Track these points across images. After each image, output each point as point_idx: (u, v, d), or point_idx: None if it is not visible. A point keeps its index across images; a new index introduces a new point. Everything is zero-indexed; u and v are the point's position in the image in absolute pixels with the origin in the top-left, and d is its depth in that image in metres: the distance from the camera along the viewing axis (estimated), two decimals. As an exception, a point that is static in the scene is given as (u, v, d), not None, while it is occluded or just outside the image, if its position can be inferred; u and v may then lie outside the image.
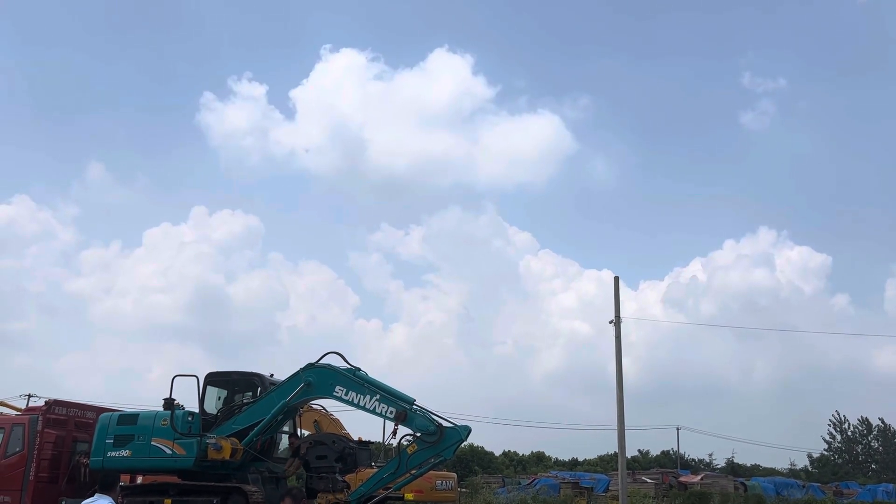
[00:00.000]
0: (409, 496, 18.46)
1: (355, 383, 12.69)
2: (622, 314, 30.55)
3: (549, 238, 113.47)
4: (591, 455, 75.07)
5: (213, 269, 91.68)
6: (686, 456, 71.42)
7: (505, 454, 74.87)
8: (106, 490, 8.24)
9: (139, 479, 15.20)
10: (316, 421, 18.63)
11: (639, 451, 74.48)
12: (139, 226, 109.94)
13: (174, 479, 13.30)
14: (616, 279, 31.47)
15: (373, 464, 16.28)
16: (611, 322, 30.57)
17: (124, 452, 12.94)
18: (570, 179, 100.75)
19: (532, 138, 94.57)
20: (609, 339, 29.98)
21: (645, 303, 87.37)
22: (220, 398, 14.15)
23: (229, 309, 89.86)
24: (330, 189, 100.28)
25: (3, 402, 23.88)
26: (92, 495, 8.44)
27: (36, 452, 13.85)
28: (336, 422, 19.69)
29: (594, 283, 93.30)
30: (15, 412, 20.59)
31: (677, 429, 64.31)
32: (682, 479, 41.93)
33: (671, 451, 71.89)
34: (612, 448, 68.81)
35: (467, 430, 12.38)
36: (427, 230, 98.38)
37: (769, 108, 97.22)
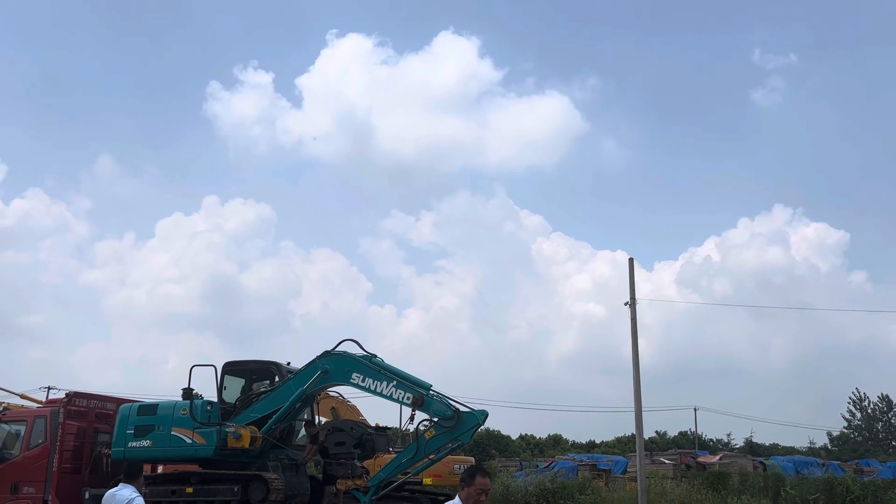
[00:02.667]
0: (427, 481, 18.67)
1: (372, 370, 12.82)
2: (637, 295, 30.52)
3: (561, 220, 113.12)
4: (609, 437, 75.16)
5: (226, 258, 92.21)
6: (704, 436, 71.46)
7: (522, 438, 75.20)
8: (131, 479, 8.40)
9: (160, 469, 15.45)
10: (333, 408, 18.86)
11: (656, 432, 74.59)
12: (151, 217, 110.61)
13: (195, 467, 13.52)
14: (630, 260, 31.39)
15: (391, 449, 16.46)
16: (626, 304, 30.51)
17: (145, 442, 13.16)
18: (581, 160, 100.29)
19: (541, 120, 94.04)
20: (624, 321, 29.91)
21: (659, 283, 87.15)
22: (238, 387, 14.32)
23: (243, 298, 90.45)
24: (340, 176, 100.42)
25: (24, 395, 24.24)
26: (115, 485, 8.62)
27: (58, 444, 14.10)
28: (353, 408, 19.87)
29: (608, 265, 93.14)
30: (36, 405, 20.93)
31: (695, 409, 64.33)
32: (701, 459, 41.97)
33: (689, 432, 71.99)
34: (629, 430, 68.98)
35: (484, 415, 12.50)
36: (438, 215, 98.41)
37: (780, 85, 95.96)
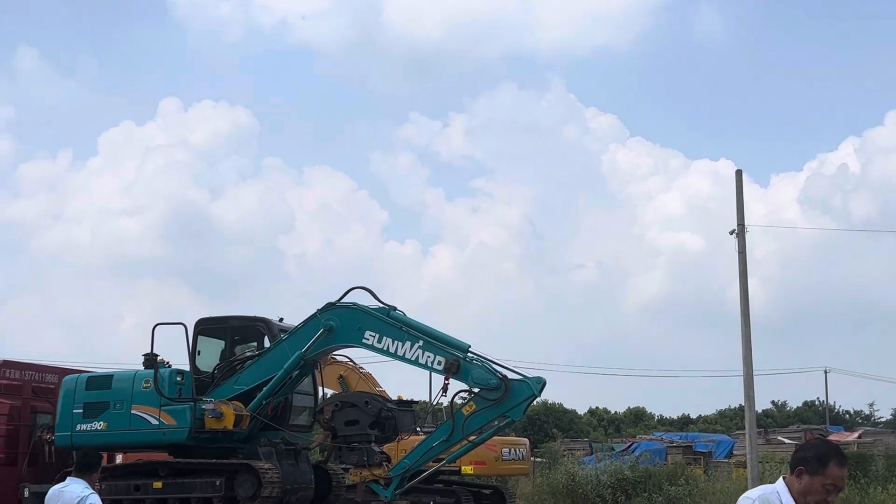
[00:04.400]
0: (467, 469, 18.99)
1: (390, 326, 12.96)
2: (747, 220, 30.26)
3: (640, 121, 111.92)
4: (708, 410, 75.78)
5: (194, 181, 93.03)
6: (837, 407, 71.67)
7: (592, 412, 76.13)
8: (84, 473, 8.66)
9: (119, 458, 15.92)
10: (342, 377, 19.15)
11: (772, 402, 74.95)
12: (92, 128, 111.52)
13: (164, 456, 13.90)
14: (738, 173, 31.01)
15: (418, 430, 16.74)
16: (732, 232, 30.28)
17: (98, 425, 13.55)
18: (668, 39, 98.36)
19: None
20: (729, 256, 29.81)
21: (777, 204, 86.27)
22: (215, 352, 14.59)
23: (217, 234, 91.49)
24: (339, 69, 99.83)
25: (-62, 366, 24.99)
26: (62, 479, 8.89)
27: (-14, 428, 14.53)
28: (368, 377, 20.16)
29: (707, 180, 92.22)
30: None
31: (825, 371, 64.17)
32: (833, 437, 42.15)
33: (816, 402, 72.15)
34: (735, 400, 69.39)
35: (541, 383, 12.62)
36: (472, 119, 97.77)
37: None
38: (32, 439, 14.92)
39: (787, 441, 40.98)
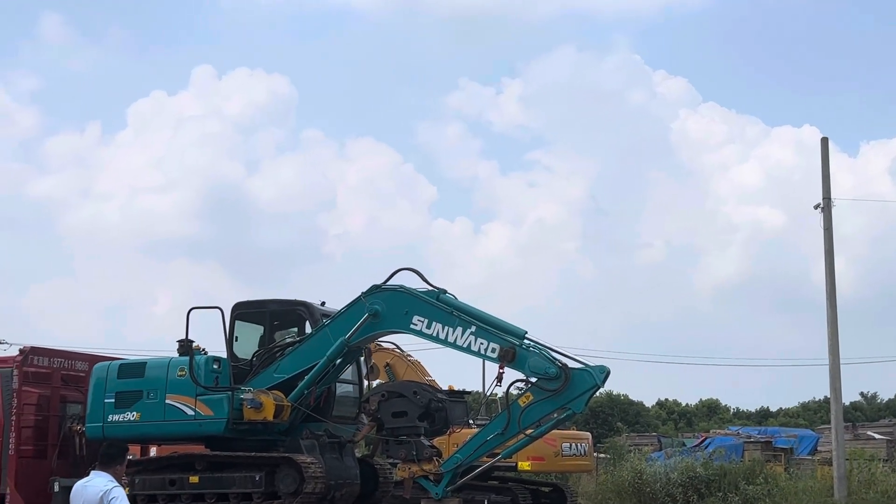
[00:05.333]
0: (524, 465, 19.13)
1: (440, 311, 13.05)
2: (834, 193, 29.87)
3: (713, 85, 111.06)
4: (790, 403, 75.19)
5: (228, 155, 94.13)
6: (934, 399, 70.55)
7: (661, 405, 75.88)
8: (107, 466, 8.88)
9: (153, 451, 16.25)
10: (388, 365, 19.34)
11: (861, 394, 74.12)
12: (121, 99, 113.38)
13: (200, 448, 14.15)
14: (824, 141, 30.60)
15: (471, 422, 16.86)
16: (816, 206, 29.93)
17: (131, 415, 13.83)
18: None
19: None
20: (813, 232, 29.48)
21: (868, 174, 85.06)
22: (254, 338, 14.78)
23: (253, 212, 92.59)
24: (383, 33, 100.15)
25: (-37, 353, 25.68)
26: (88, 474, 9.13)
27: (14, 418, 14.90)
28: (416, 365, 20.35)
29: (789, 149, 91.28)
30: (-19, 365, 22.11)
31: (920, 360, 63.41)
32: (929, 432, 41.59)
33: (911, 394, 71.10)
34: (820, 392, 68.70)
35: (604, 373, 12.63)
36: (527, 85, 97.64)
37: None
38: (62, 430, 15.25)
39: (876, 436, 40.57)
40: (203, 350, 14.10)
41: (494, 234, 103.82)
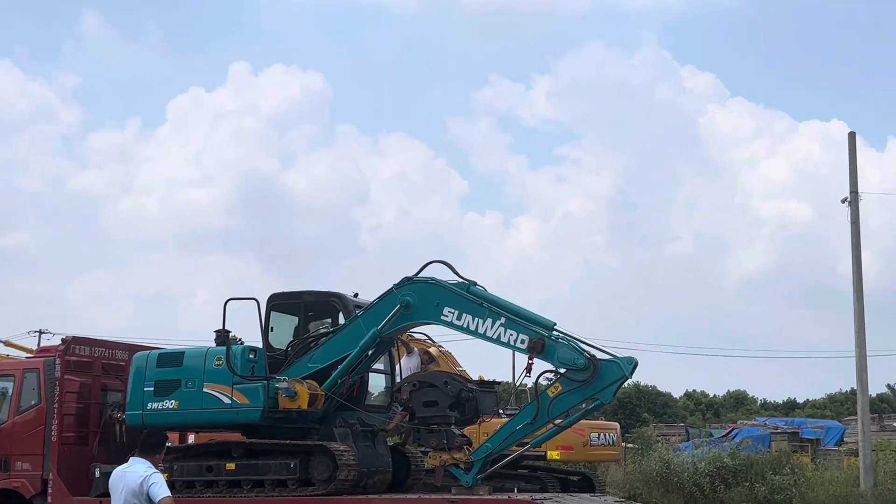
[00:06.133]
0: (553, 455, 19.11)
1: (470, 303, 13.07)
2: (861, 188, 29.63)
3: (741, 80, 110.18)
4: (816, 394, 74.66)
5: (264, 150, 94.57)
6: (961, 392, 69.85)
7: (688, 396, 75.58)
8: (147, 453, 8.98)
9: (191, 438, 16.39)
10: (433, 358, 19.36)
11: (888, 386, 73.35)
12: (160, 95, 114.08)
13: (236, 436, 14.26)
14: (851, 135, 30.38)
15: (500, 412, 16.88)
16: (844, 200, 29.73)
17: (169, 403, 13.95)
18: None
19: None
20: (840, 226, 29.27)
21: (894, 169, 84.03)
22: (289, 328, 14.86)
23: (289, 205, 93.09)
24: (414, 30, 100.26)
25: (9, 342, 26.00)
26: (128, 461, 9.24)
27: (56, 406, 15.10)
28: (447, 356, 20.38)
29: (816, 143, 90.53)
30: (25, 354, 22.42)
31: (947, 353, 62.73)
32: (955, 424, 41.19)
33: (939, 386, 70.45)
34: (846, 384, 68.16)
35: (632, 364, 12.62)
36: (556, 80, 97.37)
37: None
38: (103, 418, 15.45)
39: (903, 428, 40.22)
40: (239, 340, 14.20)
41: (524, 227, 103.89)
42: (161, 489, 8.55)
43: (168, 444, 11.18)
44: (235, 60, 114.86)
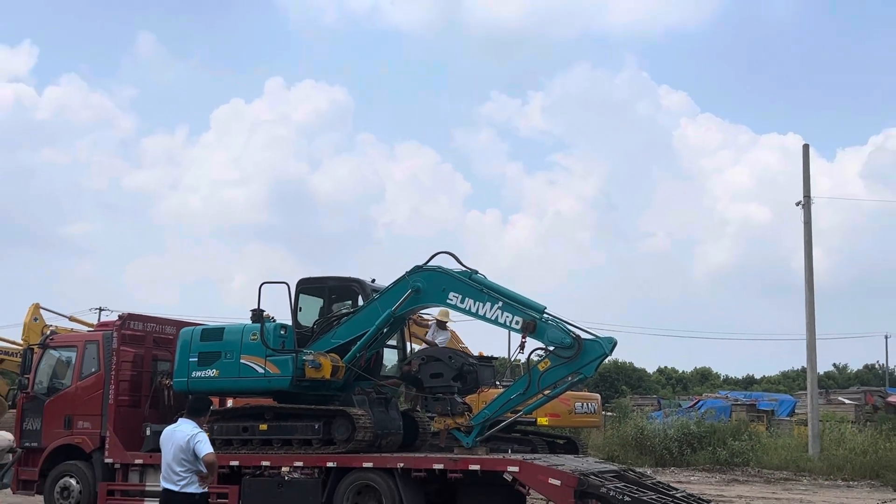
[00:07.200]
0: (542, 421, 19.16)
1: (472, 288, 13.09)
2: (813, 192, 29.67)
3: (710, 97, 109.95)
4: (772, 371, 74.63)
5: (294, 155, 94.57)
6: (897, 371, 69.71)
7: (660, 371, 75.53)
8: (195, 415, 9.07)
9: (229, 402, 16.48)
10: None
11: (834, 365, 73.50)
12: (205, 105, 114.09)
13: (269, 401, 14.34)
14: (805, 147, 30.44)
15: (497, 383, 16.92)
16: (798, 203, 29.78)
17: (211, 372, 14.01)
18: (737, 17, 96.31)
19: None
20: (794, 226, 29.33)
21: (842, 177, 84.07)
22: (315, 308, 14.91)
23: (315, 203, 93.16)
24: (425, 50, 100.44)
25: (73, 317, 26.13)
26: (176, 421, 9.33)
27: (113, 374, 15.18)
28: (452, 334, 20.40)
29: (774, 154, 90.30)
30: (87, 328, 22.52)
31: (885, 336, 62.60)
32: (892, 399, 41.13)
33: (877, 365, 70.49)
34: (798, 362, 68.14)
35: (612, 343, 12.64)
36: (549, 96, 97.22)
37: None
38: (153, 384, 15.52)
39: (846, 402, 40.31)
40: (272, 318, 14.25)
41: (520, 224, 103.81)
42: (205, 446, 8.65)
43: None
44: (271, 76, 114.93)
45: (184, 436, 8.69)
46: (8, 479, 15.62)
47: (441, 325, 17.09)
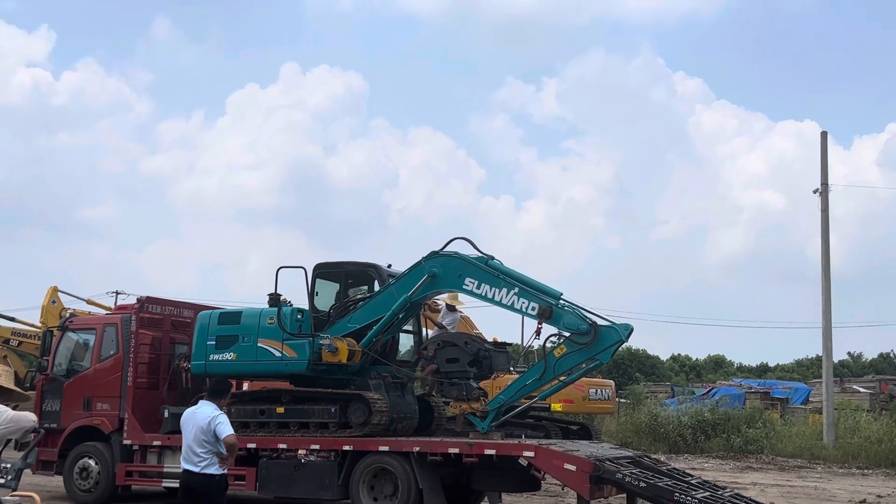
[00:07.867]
0: (556, 407, 19.24)
1: (488, 274, 13.12)
2: (829, 180, 29.51)
3: (726, 84, 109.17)
4: (786, 359, 74.45)
5: (309, 140, 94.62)
6: (913, 360, 69.52)
7: (674, 358, 75.46)
8: (215, 398, 9.17)
9: (246, 385, 16.60)
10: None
11: (849, 353, 73.20)
12: (221, 90, 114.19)
13: (286, 384, 14.44)
14: (823, 135, 30.27)
15: (512, 369, 16.96)
16: (815, 191, 29.66)
17: (228, 356, 14.10)
18: (754, 3, 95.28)
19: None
20: (810, 213, 29.25)
21: (858, 164, 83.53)
22: (331, 293, 14.98)
23: (330, 188, 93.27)
24: (440, 36, 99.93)
25: (90, 300, 26.35)
26: (195, 403, 9.44)
27: (132, 356, 15.32)
28: (466, 320, 20.47)
29: (790, 141, 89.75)
30: (104, 311, 22.70)
31: (902, 326, 62.46)
32: (907, 388, 41.00)
33: (892, 354, 70.15)
34: (813, 351, 67.94)
35: (628, 330, 12.66)
36: (563, 83, 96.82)
37: None
38: (171, 367, 15.65)
39: (861, 390, 40.17)
40: (289, 302, 14.33)
41: (533, 210, 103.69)
42: (226, 428, 8.75)
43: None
44: (287, 61, 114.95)
45: (205, 417, 8.80)
46: (32, 458, 15.78)
47: (450, 307, 17.15)
